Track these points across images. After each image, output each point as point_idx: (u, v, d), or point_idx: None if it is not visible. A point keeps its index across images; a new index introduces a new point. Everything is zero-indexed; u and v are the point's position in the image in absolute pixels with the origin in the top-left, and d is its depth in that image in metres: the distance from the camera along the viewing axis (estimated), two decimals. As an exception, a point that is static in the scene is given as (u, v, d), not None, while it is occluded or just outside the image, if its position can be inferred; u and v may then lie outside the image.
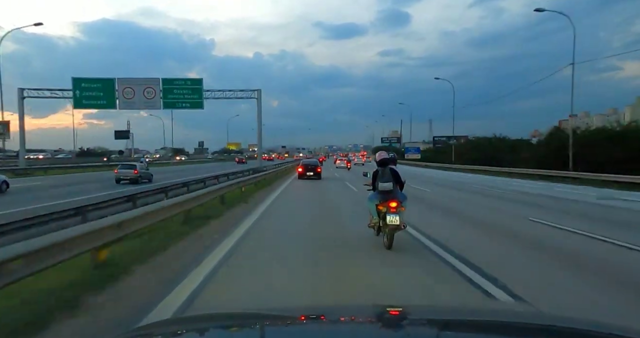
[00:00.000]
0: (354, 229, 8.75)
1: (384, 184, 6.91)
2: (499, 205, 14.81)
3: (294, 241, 7.74)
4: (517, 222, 10.49)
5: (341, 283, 5.21)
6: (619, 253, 7.16)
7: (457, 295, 4.87)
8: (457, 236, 8.39)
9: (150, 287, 4.97)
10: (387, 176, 6.95)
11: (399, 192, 7.07)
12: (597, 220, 10.99)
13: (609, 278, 5.63)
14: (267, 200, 14.86)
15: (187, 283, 5.03)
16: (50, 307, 4.11)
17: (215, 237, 7.90)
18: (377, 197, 7.09)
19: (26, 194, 17.75)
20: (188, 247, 7.14)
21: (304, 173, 27.17)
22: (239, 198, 14.79)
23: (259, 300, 4.53)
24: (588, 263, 6.46)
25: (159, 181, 23.84)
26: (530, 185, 24.83)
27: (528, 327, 1.50)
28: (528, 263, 6.39)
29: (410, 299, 4.62)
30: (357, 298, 4.60)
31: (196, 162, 77.35)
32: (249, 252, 6.82)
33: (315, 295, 4.78)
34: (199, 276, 5.34)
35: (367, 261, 6.29)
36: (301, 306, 3.38)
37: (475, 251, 6.95)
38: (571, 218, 11.15)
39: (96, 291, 4.67)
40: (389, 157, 7.40)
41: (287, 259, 6.33)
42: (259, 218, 10.58)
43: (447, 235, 8.37)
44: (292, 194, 18.36)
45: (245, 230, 8.73)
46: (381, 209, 6.94)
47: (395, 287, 5.17)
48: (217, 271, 5.63)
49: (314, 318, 1.62)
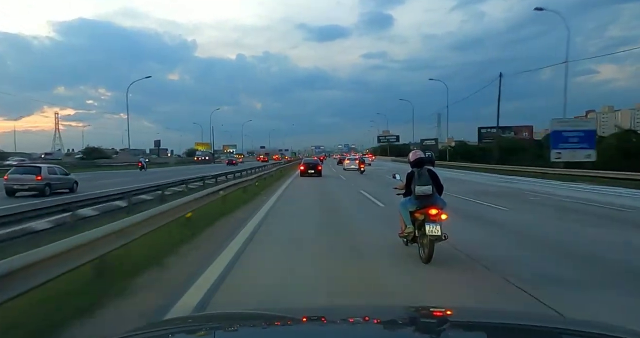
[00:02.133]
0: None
1: (422, 187, 5.95)
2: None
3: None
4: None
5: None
6: None
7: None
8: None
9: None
10: (424, 178, 5.99)
11: (438, 197, 6.10)
12: None
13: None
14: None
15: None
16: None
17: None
18: (412, 202, 6.13)
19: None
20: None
21: (306, 171, 29.07)
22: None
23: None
24: None
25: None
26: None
27: (531, 329, 1.50)
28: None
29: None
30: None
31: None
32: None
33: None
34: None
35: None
36: (303, 307, 3.41)
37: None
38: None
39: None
40: (425, 156, 6.49)
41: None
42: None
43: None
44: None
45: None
46: (417, 217, 6.04)
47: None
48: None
49: (316, 319, 1.61)
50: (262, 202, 13.59)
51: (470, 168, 42.83)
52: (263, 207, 12.23)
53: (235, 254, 6.37)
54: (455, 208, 8.66)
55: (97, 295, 4.24)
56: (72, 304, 3.95)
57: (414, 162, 6.30)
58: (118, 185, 17.54)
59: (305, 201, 14.60)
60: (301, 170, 29.50)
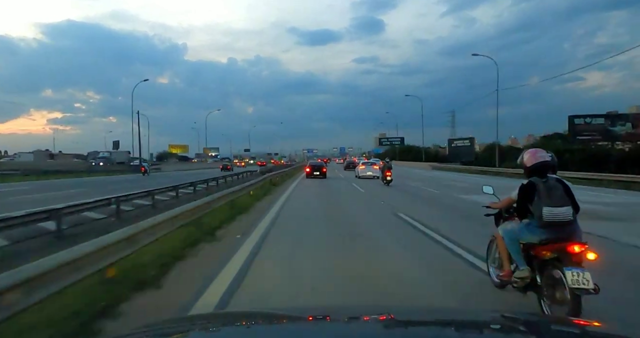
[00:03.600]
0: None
1: (557, 210, 3.80)
2: None
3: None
4: None
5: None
6: None
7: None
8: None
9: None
10: (558, 194, 3.86)
11: (579, 226, 3.95)
12: None
13: None
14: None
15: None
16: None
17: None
18: (534, 231, 3.96)
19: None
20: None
21: (311, 173, 31.14)
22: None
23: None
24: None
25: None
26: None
27: (529, 328, 1.50)
28: None
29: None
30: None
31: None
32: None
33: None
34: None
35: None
36: (306, 306, 3.36)
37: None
38: None
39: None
40: (549, 159, 4.19)
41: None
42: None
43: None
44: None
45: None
46: (544, 255, 3.96)
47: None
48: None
49: (320, 318, 1.62)
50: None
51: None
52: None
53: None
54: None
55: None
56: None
57: (535, 167, 4.09)
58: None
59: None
60: (307, 172, 32.13)
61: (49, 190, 19.76)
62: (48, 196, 16.37)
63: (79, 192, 18.01)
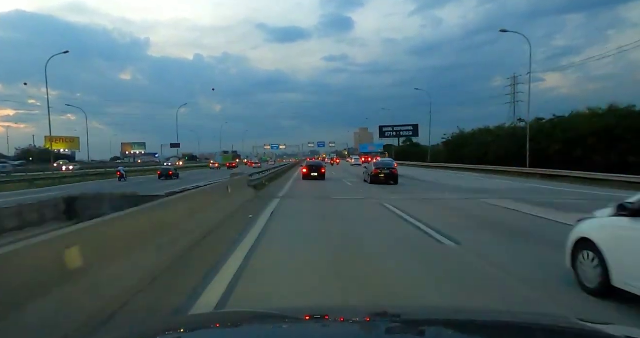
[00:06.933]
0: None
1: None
2: None
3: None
4: None
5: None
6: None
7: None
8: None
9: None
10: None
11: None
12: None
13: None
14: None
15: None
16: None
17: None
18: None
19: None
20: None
21: (309, 173, 27.70)
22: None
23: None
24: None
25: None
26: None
27: (528, 328, 1.50)
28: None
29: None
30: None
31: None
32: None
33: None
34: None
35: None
36: (304, 306, 3.44)
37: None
38: None
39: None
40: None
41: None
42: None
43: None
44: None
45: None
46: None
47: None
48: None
49: (318, 318, 1.62)
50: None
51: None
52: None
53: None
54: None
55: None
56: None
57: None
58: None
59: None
60: (304, 173, 28.16)
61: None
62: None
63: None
